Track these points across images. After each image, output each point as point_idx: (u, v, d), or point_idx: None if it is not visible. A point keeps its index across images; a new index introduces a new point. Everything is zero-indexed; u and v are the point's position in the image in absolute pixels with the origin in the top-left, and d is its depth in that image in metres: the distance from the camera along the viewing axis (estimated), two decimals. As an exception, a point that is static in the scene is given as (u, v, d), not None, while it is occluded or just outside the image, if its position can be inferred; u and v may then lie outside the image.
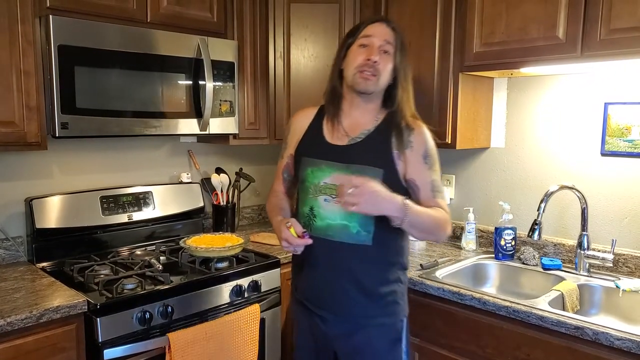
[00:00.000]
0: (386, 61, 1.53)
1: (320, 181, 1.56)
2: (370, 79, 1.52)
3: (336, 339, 1.62)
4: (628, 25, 1.69)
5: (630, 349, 1.47)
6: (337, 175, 1.51)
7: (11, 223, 2.14)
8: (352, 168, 1.51)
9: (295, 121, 1.72)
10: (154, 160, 2.57)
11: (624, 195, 2.07)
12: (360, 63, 1.52)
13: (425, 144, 1.55)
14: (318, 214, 1.56)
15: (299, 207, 1.64)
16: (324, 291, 1.59)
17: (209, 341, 1.86)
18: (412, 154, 1.53)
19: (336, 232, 1.54)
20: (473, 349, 1.84)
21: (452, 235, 2.59)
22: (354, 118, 1.60)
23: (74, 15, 1.89)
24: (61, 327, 1.66)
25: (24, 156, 2.14)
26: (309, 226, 1.57)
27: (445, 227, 1.54)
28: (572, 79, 2.19)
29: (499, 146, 2.44)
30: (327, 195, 1.54)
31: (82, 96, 1.89)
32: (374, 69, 1.51)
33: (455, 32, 2.16)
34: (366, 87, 1.53)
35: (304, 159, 1.61)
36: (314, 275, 1.61)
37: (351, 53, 1.56)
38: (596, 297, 1.96)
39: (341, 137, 1.59)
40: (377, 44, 1.52)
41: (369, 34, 1.54)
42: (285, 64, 2.53)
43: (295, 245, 1.50)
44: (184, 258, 2.17)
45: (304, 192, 1.60)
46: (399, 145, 1.53)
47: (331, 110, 1.62)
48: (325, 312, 1.60)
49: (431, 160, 1.56)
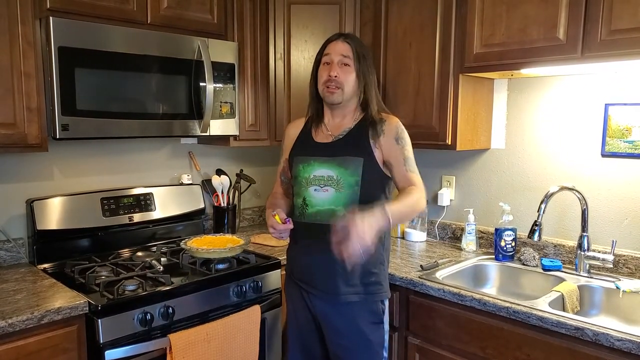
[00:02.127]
0: (347, 72, 1.74)
1: (310, 174, 1.76)
2: (335, 91, 1.74)
3: (323, 316, 1.79)
4: (629, 26, 1.69)
5: (630, 349, 1.47)
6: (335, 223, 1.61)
7: (12, 225, 2.14)
8: (336, 160, 1.73)
9: (288, 131, 1.95)
10: (155, 161, 2.57)
11: (625, 196, 2.07)
12: (325, 79, 1.75)
13: (396, 129, 1.76)
14: (309, 202, 1.76)
15: (295, 200, 1.83)
16: (314, 270, 1.78)
17: (210, 342, 1.87)
18: (385, 139, 1.74)
19: (325, 216, 1.73)
20: (473, 349, 1.84)
21: (452, 236, 2.60)
22: (336, 121, 1.83)
23: (74, 17, 1.89)
24: (62, 329, 1.67)
25: (24, 158, 2.15)
26: (303, 214, 1.78)
27: (421, 205, 1.70)
28: (572, 80, 2.19)
29: (499, 147, 2.45)
30: (316, 186, 1.75)
31: (83, 98, 1.89)
32: (336, 82, 1.73)
33: (455, 33, 2.16)
34: (333, 99, 1.76)
35: (295, 157, 1.83)
36: (306, 256, 1.80)
37: (319, 72, 1.80)
38: (596, 298, 1.96)
39: (327, 136, 1.81)
40: (335, 59, 1.75)
41: (328, 52, 1.77)
42: (285, 66, 2.53)
43: (279, 230, 1.73)
44: (184, 259, 2.17)
45: (298, 186, 1.80)
46: (374, 135, 1.74)
47: (316, 119, 1.86)
48: (314, 289, 1.78)
49: (402, 142, 1.75)
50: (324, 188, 1.73)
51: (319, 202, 1.75)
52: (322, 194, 1.74)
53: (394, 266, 2.13)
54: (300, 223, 1.78)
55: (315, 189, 1.75)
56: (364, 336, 1.75)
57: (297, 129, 1.91)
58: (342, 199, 1.72)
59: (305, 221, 1.77)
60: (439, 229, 2.66)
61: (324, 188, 1.74)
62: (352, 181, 1.71)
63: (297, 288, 1.84)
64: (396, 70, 2.39)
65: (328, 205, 1.73)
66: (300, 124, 1.92)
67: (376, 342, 1.77)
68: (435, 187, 2.67)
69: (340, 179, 1.72)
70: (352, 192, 1.72)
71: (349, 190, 1.72)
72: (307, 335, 1.86)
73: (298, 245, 1.84)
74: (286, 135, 1.95)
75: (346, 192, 1.72)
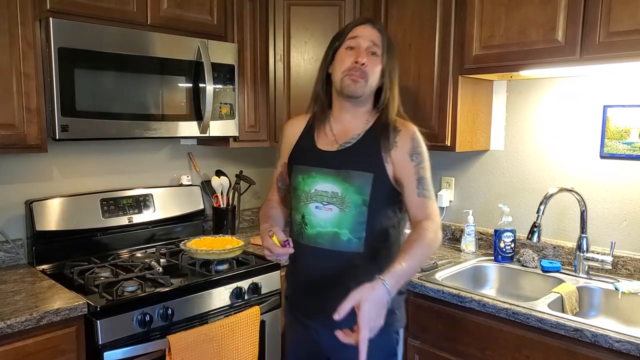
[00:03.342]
0: (374, 63, 1.51)
1: (312, 188, 1.53)
2: (359, 81, 1.49)
3: (331, 350, 1.56)
4: (627, 28, 1.70)
5: (629, 351, 1.48)
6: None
7: (11, 225, 2.14)
8: (342, 174, 1.50)
9: (287, 130, 1.70)
10: (154, 162, 2.57)
11: (623, 198, 2.07)
12: (348, 66, 1.49)
13: (411, 142, 1.51)
14: (309, 221, 1.53)
15: (293, 214, 1.61)
16: (315, 301, 1.55)
17: (209, 343, 1.86)
18: (398, 153, 1.50)
19: (326, 239, 1.51)
20: (473, 351, 1.84)
21: (451, 237, 2.60)
22: (344, 123, 1.58)
23: (74, 18, 1.89)
24: (61, 330, 1.67)
25: (24, 159, 2.14)
26: (301, 234, 1.55)
27: (435, 245, 1.44)
28: (571, 81, 2.19)
29: (499, 149, 2.45)
30: (318, 203, 1.52)
31: (82, 99, 1.89)
32: (362, 72, 1.49)
33: (454, 34, 2.17)
34: (354, 91, 1.50)
35: (295, 166, 1.60)
36: (305, 284, 1.58)
37: (338, 56, 1.54)
38: (595, 299, 1.96)
39: (331, 143, 1.57)
40: (364, 45, 1.50)
41: (356, 36, 1.52)
42: (285, 67, 2.53)
43: (277, 254, 1.43)
44: (184, 260, 2.17)
45: (297, 200, 1.58)
46: (386, 148, 1.50)
47: (320, 117, 1.61)
48: (316, 322, 1.56)
49: (418, 158, 1.51)
50: (327, 206, 1.50)
51: (321, 222, 1.51)
52: (324, 213, 1.51)
53: (393, 267, 2.13)
54: (300, 244, 1.54)
55: (317, 207, 1.52)
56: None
57: (297, 128, 1.66)
58: (347, 221, 1.49)
59: (304, 243, 1.54)
60: (438, 230, 2.65)
61: (326, 206, 1.50)
62: (358, 200, 1.48)
63: (299, 320, 1.62)
64: (395, 72, 2.40)
65: (330, 227, 1.50)
66: (302, 123, 1.66)
67: None
68: (434, 188, 2.67)
69: (346, 196, 1.49)
70: (358, 213, 1.48)
71: (354, 211, 1.48)
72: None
73: (298, 272, 1.61)
74: (285, 134, 1.71)
75: (352, 213, 1.48)
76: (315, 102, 1.62)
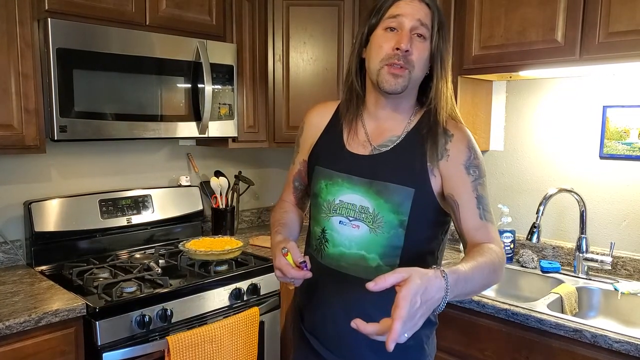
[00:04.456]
0: (421, 49, 1.19)
1: (336, 198, 1.26)
2: (402, 73, 1.18)
3: None
4: (626, 29, 1.70)
5: (628, 351, 1.47)
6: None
7: (10, 226, 2.13)
8: (375, 186, 1.22)
9: (310, 120, 1.40)
10: (153, 163, 2.57)
11: (623, 198, 2.07)
12: (388, 54, 1.18)
13: (467, 151, 1.21)
14: (331, 238, 1.27)
15: (311, 225, 1.36)
16: (332, 331, 1.29)
17: (208, 344, 1.86)
18: (449, 165, 1.20)
19: (351, 263, 1.24)
20: (472, 352, 1.84)
21: (451, 238, 2.59)
22: (381, 120, 1.29)
23: (72, 19, 1.89)
24: (60, 331, 1.66)
25: (22, 159, 2.14)
26: (320, 251, 1.29)
27: (499, 276, 1.13)
28: (570, 82, 2.19)
29: (498, 149, 2.45)
30: (342, 217, 1.25)
31: (81, 99, 1.88)
32: (406, 60, 1.17)
33: (454, 35, 2.16)
34: (395, 86, 1.19)
35: (317, 168, 1.32)
36: (321, 310, 1.31)
37: (375, 39, 1.22)
38: (595, 300, 1.96)
39: (363, 144, 1.28)
40: (408, 26, 1.18)
41: (398, 14, 1.19)
42: (284, 67, 2.53)
43: (291, 277, 1.16)
44: (183, 261, 2.17)
45: (317, 209, 1.31)
46: (433, 157, 1.21)
47: (352, 111, 1.30)
48: (332, 355, 1.31)
49: (476, 172, 1.21)
50: (353, 223, 1.23)
51: (345, 241, 1.25)
52: (350, 230, 1.24)
53: (392, 268, 2.13)
54: (318, 263, 1.29)
55: (341, 221, 1.25)
56: None
57: (324, 118, 1.37)
58: (377, 243, 1.22)
59: (323, 262, 1.28)
60: (438, 230, 2.65)
61: (353, 223, 1.23)
62: (394, 221, 1.20)
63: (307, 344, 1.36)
64: (395, 72, 2.39)
65: (357, 249, 1.23)
66: (329, 113, 1.37)
67: None
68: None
69: (378, 214, 1.21)
70: (392, 236, 1.21)
71: (388, 233, 1.21)
72: None
73: (315, 295, 1.33)
74: (307, 124, 1.40)
75: (385, 236, 1.21)
76: (348, 94, 1.31)
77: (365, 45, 1.25)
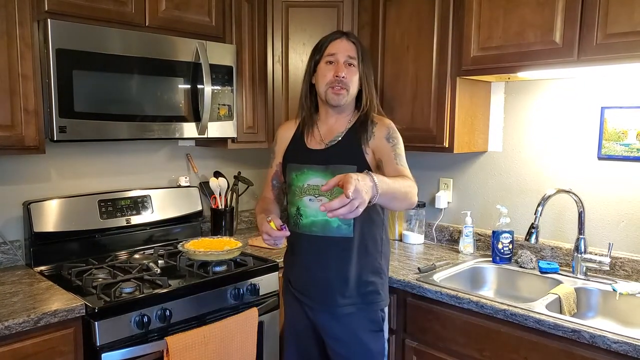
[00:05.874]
0: (352, 73, 1.71)
1: (304, 183, 1.73)
2: (341, 92, 1.70)
3: (322, 327, 1.78)
4: (624, 30, 1.70)
5: (627, 352, 1.48)
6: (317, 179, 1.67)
7: (9, 227, 2.13)
8: (330, 168, 1.68)
9: (280, 134, 1.90)
10: (152, 164, 2.57)
11: (621, 199, 2.08)
12: (331, 80, 1.69)
13: (387, 129, 1.71)
14: (304, 212, 1.74)
15: (288, 208, 1.82)
16: (310, 282, 1.77)
17: (207, 345, 1.86)
18: (376, 141, 1.70)
19: (319, 227, 1.72)
20: (471, 352, 1.84)
21: (449, 238, 2.60)
22: (330, 125, 1.78)
23: (72, 19, 1.89)
24: (59, 331, 1.66)
25: (22, 160, 2.14)
26: (297, 224, 1.76)
27: (412, 193, 1.58)
28: (568, 83, 2.20)
29: (497, 150, 2.45)
30: (310, 195, 1.72)
31: (80, 100, 1.89)
32: (343, 83, 1.69)
33: (452, 36, 2.17)
34: (339, 101, 1.71)
35: (289, 165, 1.79)
36: (301, 268, 1.80)
37: (320, 70, 1.73)
38: (593, 300, 1.97)
39: (319, 142, 1.77)
40: (342, 60, 1.70)
41: (334, 52, 1.70)
42: (283, 68, 2.53)
43: (275, 237, 1.62)
44: (182, 262, 2.17)
45: (292, 195, 1.78)
46: (365, 140, 1.70)
47: (309, 121, 1.80)
48: (312, 301, 1.78)
49: (394, 141, 1.70)
50: (318, 198, 1.70)
51: (313, 212, 1.72)
52: (316, 204, 1.70)
53: (391, 269, 2.13)
54: (296, 233, 1.75)
55: (310, 199, 1.72)
56: (364, 345, 1.75)
57: (289, 131, 1.86)
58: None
59: (300, 232, 1.75)
60: (437, 231, 2.66)
61: (318, 198, 1.70)
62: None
63: (296, 298, 1.83)
64: (394, 73, 2.40)
65: (322, 216, 1.69)
66: (292, 127, 1.86)
67: (376, 350, 1.77)
68: (432, 189, 2.68)
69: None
70: None
71: None
72: (305, 341, 1.85)
73: (295, 257, 1.82)
74: (278, 137, 1.91)
75: None
76: (303, 111, 1.82)
77: (312, 74, 1.77)
